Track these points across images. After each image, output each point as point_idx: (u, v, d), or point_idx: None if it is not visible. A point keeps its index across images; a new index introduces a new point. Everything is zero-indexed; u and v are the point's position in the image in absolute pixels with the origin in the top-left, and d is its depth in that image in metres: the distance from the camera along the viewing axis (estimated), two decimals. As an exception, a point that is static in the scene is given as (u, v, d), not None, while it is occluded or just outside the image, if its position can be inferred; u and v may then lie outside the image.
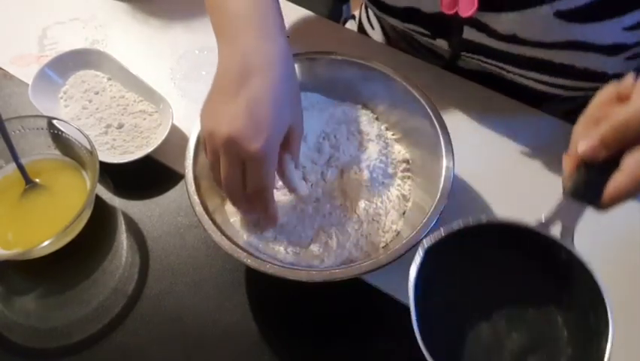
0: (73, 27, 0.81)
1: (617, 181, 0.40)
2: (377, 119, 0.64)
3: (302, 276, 0.50)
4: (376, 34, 0.87)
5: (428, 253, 0.42)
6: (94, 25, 0.81)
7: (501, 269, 0.46)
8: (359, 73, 0.62)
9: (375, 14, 0.86)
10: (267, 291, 0.59)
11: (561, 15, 0.56)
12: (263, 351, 0.56)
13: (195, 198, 0.54)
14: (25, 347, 0.56)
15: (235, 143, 0.47)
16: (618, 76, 0.62)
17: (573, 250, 0.43)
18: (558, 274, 0.44)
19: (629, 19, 0.56)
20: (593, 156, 0.40)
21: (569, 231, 0.43)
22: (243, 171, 0.49)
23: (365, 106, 0.64)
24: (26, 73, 0.73)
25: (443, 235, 0.43)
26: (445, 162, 0.55)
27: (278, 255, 0.55)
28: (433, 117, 0.57)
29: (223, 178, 0.50)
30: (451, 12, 0.62)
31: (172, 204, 0.64)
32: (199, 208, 0.53)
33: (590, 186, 0.41)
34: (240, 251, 0.51)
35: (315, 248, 0.56)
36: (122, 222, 0.64)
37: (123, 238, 0.63)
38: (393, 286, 0.57)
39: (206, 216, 0.53)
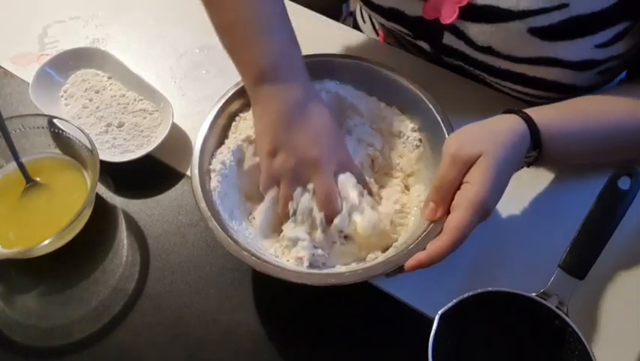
0: (74, 26, 0.81)
1: (437, 242, 0.48)
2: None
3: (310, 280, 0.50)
4: (367, 27, 0.89)
5: (442, 318, 0.48)
6: (94, 24, 0.81)
7: (503, 332, 0.52)
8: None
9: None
10: (267, 290, 0.59)
11: (534, 32, 0.57)
12: (263, 350, 0.56)
13: (200, 196, 0.54)
14: (26, 346, 0.56)
15: (323, 161, 0.54)
16: (588, 88, 0.63)
17: (567, 319, 0.49)
18: (552, 339, 0.51)
19: (601, 37, 0.57)
20: (434, 216, 0.51)
21: (563, 302, 0.50)
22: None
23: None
24: (27, 72, 0.73)
25: (456, 302, 0.49)
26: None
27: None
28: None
29: (322, 195, 0.54)
30: (431, 18, 0.64)
31: (172, 203, 0.64)
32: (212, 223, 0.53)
33: (580, 262, 0.51)
34: (247, 255, 0.51)
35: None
36: (123, 221, 0.64)
37: (123, 237, 0.63)
38: (395, 286, 0.57)
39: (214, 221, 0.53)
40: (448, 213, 0.50)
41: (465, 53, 0.66)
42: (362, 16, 0.90)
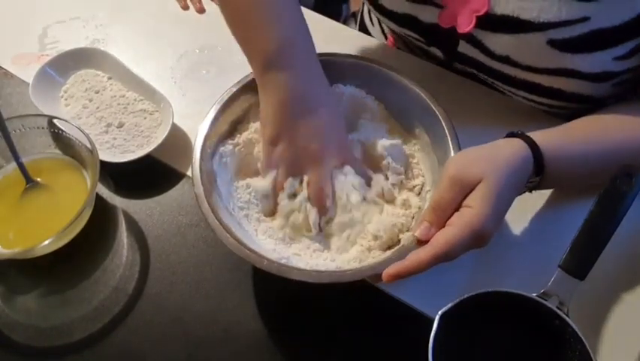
0: (74, 26, 0.81)
1: (419, 253, 0.47)
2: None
3: (308, 277, 0.50)
4: (375, 30, 0.88)
5: (442, 318, 0.48)
6: (94, 24, 0.81)
7: (503, 332, 0.52)
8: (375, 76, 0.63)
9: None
10: (267, 290, 0.59)
11: (554, 44, 0.57)
12: (263, 350, 0.56)
13: (202, 196, 0.54)
14: (26, 346, 0.56)
15: (322, 155, 0.56)
16: (603, 99, 0.63)
17: (567, 319, 0.49)
18: (553, 339, 0.51)
19: (620, 49, 0.56)
20: (428, 236, 0.49)
21: (564, 303, 0.50)
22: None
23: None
24: (27, 72, 0.73)
25: (456, 302, 0.49)
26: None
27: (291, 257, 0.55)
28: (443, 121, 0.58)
29: (313, 189, 0.56)
30: (447, 26, 0.63)
31: (172, 203, 0.64)
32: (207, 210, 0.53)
33: (580, 262, 0.51)
34: (247, 251, 0.51)
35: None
36: (123, 221, 0.64)
37: (124, 237, 0.63)
38: (395, 286, 0.57)
39: (212, 215, 0.53)
40: None
41: (480, 61, 0.65)
42: (370, 19, 0.89)
